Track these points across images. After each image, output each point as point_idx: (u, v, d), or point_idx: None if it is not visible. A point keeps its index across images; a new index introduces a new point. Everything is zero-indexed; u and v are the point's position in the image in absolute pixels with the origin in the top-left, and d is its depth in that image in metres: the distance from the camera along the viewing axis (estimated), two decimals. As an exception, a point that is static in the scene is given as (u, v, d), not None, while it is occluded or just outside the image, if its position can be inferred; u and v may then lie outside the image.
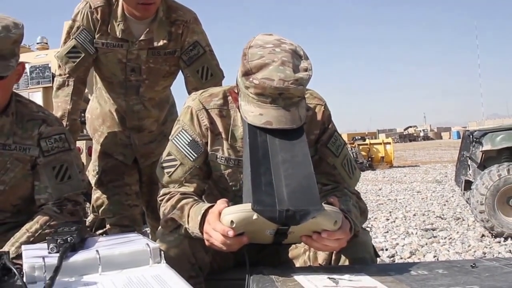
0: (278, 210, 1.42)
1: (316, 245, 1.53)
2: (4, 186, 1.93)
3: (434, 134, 72.96)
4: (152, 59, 2.57)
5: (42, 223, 1.86)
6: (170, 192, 1.81)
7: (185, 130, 1.85)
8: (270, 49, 1.60)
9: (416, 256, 4.78)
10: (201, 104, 1.86)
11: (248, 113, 1.61)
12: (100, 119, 2.81)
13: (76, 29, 2.53)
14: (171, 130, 1.93)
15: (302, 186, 1.49)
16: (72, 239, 1.47)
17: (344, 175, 1.86)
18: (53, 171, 1.97)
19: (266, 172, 1.52)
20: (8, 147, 1.93)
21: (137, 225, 2.84)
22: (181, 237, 1.71)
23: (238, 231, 1.46)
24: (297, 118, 1.59)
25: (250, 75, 1.57)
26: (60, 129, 2.06)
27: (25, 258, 1.39)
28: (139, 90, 2.65)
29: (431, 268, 1.57)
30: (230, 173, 1.86)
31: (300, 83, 1.56)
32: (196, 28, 2.62)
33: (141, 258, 1.41)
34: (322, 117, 1.88)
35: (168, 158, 1.85)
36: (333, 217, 1.46)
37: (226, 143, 1.84)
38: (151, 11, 2.47)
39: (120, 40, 2.53)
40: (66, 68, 2.53)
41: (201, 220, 1.59)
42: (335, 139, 1.89)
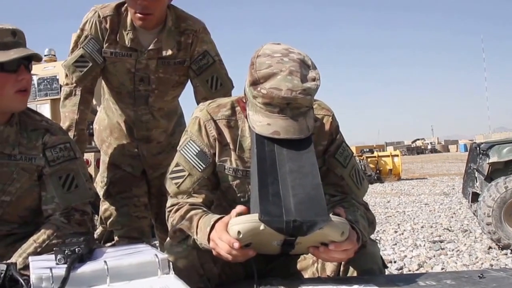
0: (285, 220, 1.42)
1: (323, 256, 1.53)
2: (10, 197, 1.91)
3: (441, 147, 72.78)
4: (161, 69, 2.57)
5: (49, 234, 1.83)
6: (179, 203, 1.80)
7: (193, 140, 1.85)
8: (278, 59, 1.60)
9: (424, 268, 4.75)
10: (209, 115, 1.85)
11: (256, 122, 1.61)
12: (107, 130, 2.81)
13: (84, 38, 2.53)
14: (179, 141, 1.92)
15: (310, 197, 1.49)
16: (80, 250, 1.44)
17: (352, 186, 1.85)
18: (60, 180, 1.95)
19: (273, 183, 1.52)
20: (13, 157, 1.91)
21: (146, 237, 2.83)
22: (190, 248, 1.70)
23: (244, 241, 1.46)
24: (304, 128, 1.59)
25: (258, 85, 1.57)
26: (65, 138, 2.05)
27: (32, 269, 1.38)
28: (148, 100, 2.65)
29: (439, 279, 1.57)
30: (238, 184, 1.85)
31: (308, 93, 1.56)
32: (206, 37, 2.62)
33: (150, 269, 1.40)
34: (330, 128, 1.87)
35: (176, 169, 1.85)
36: (340, 228, 1.46)
37: (234, 154, 1.84)
38: (149, 22, 2.46)
39: (128, 50, 2.53)
40: (73, 78, 2.53)
41: (210, 231, 1.58)
42: (343, 150, 1.88)
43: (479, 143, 6.01)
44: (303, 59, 1.64)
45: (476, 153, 5.83)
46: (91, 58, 2.51)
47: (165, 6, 2.50)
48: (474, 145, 6.16)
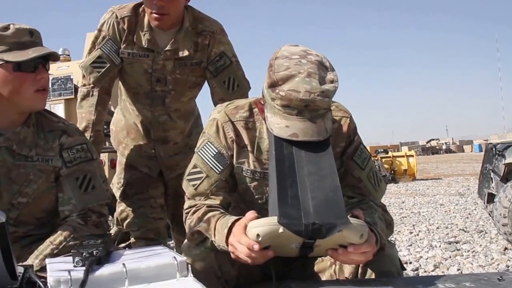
0: (304, 223, 1.41)
1: (342, 258, 1.52)
2: (27, 198, 1.91)
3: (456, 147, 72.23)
4: (178, 70, 2.57)
5: (66, 235, 1.83)
6: (196, 205, 1.80)
7: (211, 142, 1.85)
8: (296, 61, 1.59)
9: (440, 269, 4.72)
10: (227, 116, 1.85)
11: (274, 124, 1.61)
12: (124, 131, 2.82)
13: (101, 39, 2.54)
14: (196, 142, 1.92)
15: (328, 199, 1.48)
16: (98, 252, 1.43)
17: (369, 187, 1.85)
18: (77, 182, 1.95)
19: (292, 185, 1.52)
20: (30, 158, 1.91)
21: (162, 238, 2.83)
22: (207, 250, 1.70)
23: (264, 244, 1.45)
24: (323, 130, 1.58)
25: (276, 87, 1.57)
26: (82, 139, 2.05)
27: (50, 271, 1.37)
28: (165, 101, 2.65)
29: (458, 281, 1.56)
30: (255, 186, 1.85)
31: (326, 95, 1.56)
32: (223, 38, 2.62)
33: (168, 271, 1.40)
34: (347, 130, 1.87)
35: (194, 171, 1.85)
36: (359, 231, 1.45)
37: (252, 156, 1.84)
38: (165, 22, 2.47)
39: (145, 50, 2.53)
40: (91, 78, 2.53)
41: (227, 233, 1.58)
42: (361, 152, 1.87)
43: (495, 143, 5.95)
44: (321, 60, 1.64)
45: (492, 154, 5.77)
46: (109, 59, 2.52)
47: (181, 6, 2.50)
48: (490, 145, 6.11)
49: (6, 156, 1.88)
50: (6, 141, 1.88)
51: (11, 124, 1.91)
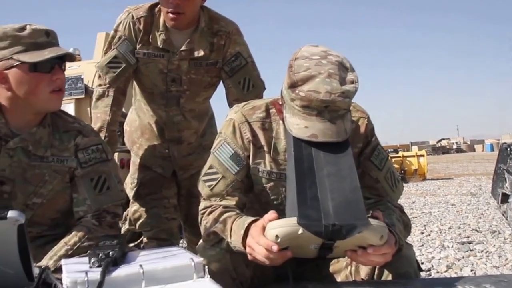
0: (324, 224, 1.40)
1: (361, 259, 1.51)
2: (41, 199, 1.91)
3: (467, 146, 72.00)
4: (193, 70, 2.57)
5: (80, 236, 1.82)
6: (212, 206, 1.79)
7: (227, 143, 1.84)
8: (317, 61, 1.58)
9: (453, 270, 4.68)
10: (243, 117, 1.85)
11: (293, 125, 1.60)
12: (138, 131, 2.82)
13: (117, 39, 2.55)
14: (210, 143, 1.92)
15: (348, 200, 1.47)
16: (114, 253, 1.42)
17: (387, 188, 1.84)
18: (91, 182, 1.95)
19: (311, 186, 1.51)
20: (46, 159, 1.91)
21: (174, 238, 2.83)
22: (223, 251, 1.69)
23: (282, 245, 1.44)
24: (342, 131, 1.57)
25: (296, 87, 1.56)
26: (97, 139, 2.05)
27: (66, 272, 1.36)
28: (180, 101, 2.65)
29: (478, 282, 1.55)
30: (272, 187, 1.84)
31: (346, 96, 1.54)
32: (238, 39, 2.62)
33: (185, 273, 1.39)
34: (365, 130, 1.86)
35: (209, 171, 1.84)
36: (379, 232, 1.44)
37: (268, 157, 1.83)
38: (181, 21, 2.47)
39: (161, 50, 2.54)
40: (107, 79, 2.54)
41: (244, 234, 1.57)
42: (378, 152, 1.86)
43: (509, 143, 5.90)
44: (342, 61, 1.62)
45: (506, 154, 5.72)
46: (124, 59, 2.52)
47: (197, 6, 2.50)
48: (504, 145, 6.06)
49: (21, 157, 1.88)
50: (22, 142, 1.88)
51: (26, 124, 1.91)
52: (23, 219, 1.22)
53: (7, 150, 1.86)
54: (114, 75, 2.52)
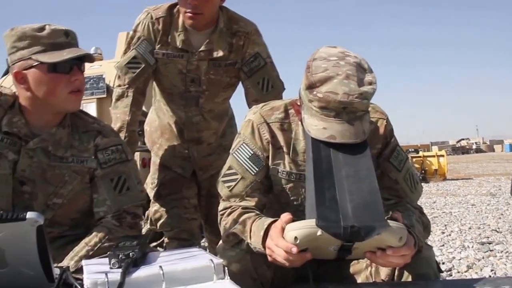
0: (343, 226, 1.40)
1: (380, 261, 1.51)
2: (62, 199, 1.92)
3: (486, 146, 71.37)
4: (212, 70, 2.57)
5: (101, 237, 1.83)
6: (231, 206, 1.79)
7: (246, 143, 1.84)
8: (334, 62, 1.58)
9: (473, 270, 4.64)
10: (262, 118, 1.85)
11: (312, 126, 1.59)
12: (158, 132, 2.83)
13: (136, 39, 2.55)
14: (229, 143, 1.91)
15: (367, 202, 1.47)
16: (134, 254, 1.43)
17: (406, 189, 1.83)
18: (111, 183, 1.94)
19: (330, 187, 1.50)
20: (65, 159, 1.91)
21: (195, 238, 2.83)
22: (243, 252, 1.69)
23: (301, 247, 1.44)
24: (361, 132, 1.57)
25: (314, 88, 1.56)
26: (117, 140, 2.04)
27: (86, 273, 1.37)
28: (199, 101, 2.65)
29: (497, 284, 1.54)
30: (291, 188, 1.84)
31: (364, 97, 1.54)
32: (257, 39, 2.62)
33: (205, 274, 1.39)
34: (384, 131, 1.85)
35: (228, 172, 1.84)
36: (398, 233, 1.44)
37: (288, 157, 1.82)
38: (199, 21, 2.47)
39: (180, 51, 2.54)
40: (126, 79, 2.54)
41: (263, 235, 1.57)
42: (398, 153, 1.85)
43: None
44: (360, 62, 1.62)
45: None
46: (144, 59, 2.53)
47: (216, 6, 2.50)
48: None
49: (41, 157, 1.89)
50: (42, 142, 1.89)
51: (46, 125, 1.91)
52: (42, 220, 1.22)
53: (27, 150, 1.87)
54: (133, 75, 2.53)
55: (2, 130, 1.86)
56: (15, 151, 1.87)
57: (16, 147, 1.87)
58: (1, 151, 1.85)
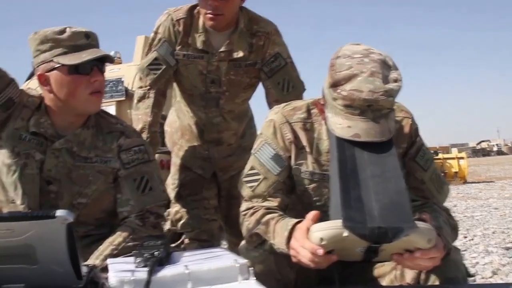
0: (370, 227, 1.38)
1: (408, 263, 1.48)
2: (87, 199, 1.95)
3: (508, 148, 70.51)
4: (233, 71, 2.57)
5: (125, 236, 1.85)
6: (254, 207, 1.78)
7: (268, 143, 1.83)
8: (359, 60, 1.56)
9: (498, 276, 4.55)
10: (284, 118, 1.83)
11: (336, 125, 1.57)
12: (179, 133, 2.83)
13: (157, 41, 2.56)
14: (249, 144, 1.90)
15: (394, 202, 1.44)
16: (159, 253, 1.44)
17: (433, 190, 1.80)
18: (134, 183, 1.97)
19: (355, 187, 1.48)
20: (90, 160, 1.95)
21: (215, 239, 2.82)
22: (266, 252, 1.69)
23: (327, 248, 1.42)
24: (386, 130, 1.55)
25: (338, 87, 1.54)
26: (139, 140, 2.07)
27: (113, 271, 1.38)
28: (219, 102, 2.65)
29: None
30: (314, 188, 1.82)
31: (390, 95, 1.52)
32: (277, 39, 2.61)
33: (230, 274, 1.38)
34: (409, 130, 1.82)
35: (251, 172, 1.83)
36: (427, 235, 1.41)
37: (311, 157, 1.81)
38: (220, 22, 2.47)
39: (200, 52, 2.54)
40: (147, 81, 2.56)
41: (288, 236, 1.56)
42: (424, 153, 1.82)
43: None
44: (384, 59, 1.59)
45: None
46: (165, 61, 2.54)
47: (236, 7, 2.51)
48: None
49: (66, 157, 1.92)
50: (67, 143, 1.93)
51: (70, 126, 1.95)
52: (71, 218, 1.23)
53: (53, 150, 1.91)
54: (154, 76, 2.55)
55: (29, 131, 1.91)
56: (42, 151, 1.91)
57: (43, 148, 1.91)
58: (29, 151, 1.90)
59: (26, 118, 1.92)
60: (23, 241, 1.24)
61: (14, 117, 1.92)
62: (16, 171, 1.88)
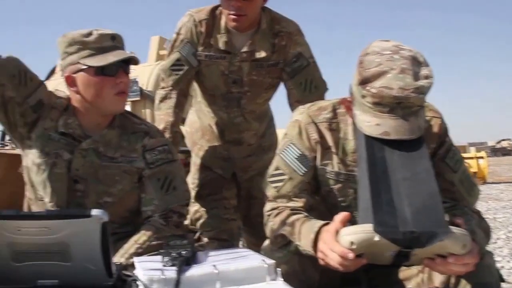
0: (402, 232, 1.35)
1: (440, 268, 1.45)
2: (112, 198, 1.97)
3: (530, 147, 69.19)
4: (255, 71, 2.57)
5: (149, 235, 1.88)
6: (279, 207, 1.77)
7: (293, 144, 1.81)
8: (388, 56, 1.53)
9: (526, 282, 4.50)
10: (309, 118, 1.81)
11: (364, 123, 1.55)
12: (199, 133, 2.84)
13: (180, 42, 2.57)
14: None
15: (426, 206, 1.41)
16: (187, 252, 1.47)
17: (463, 192, 1.76)
18: (158, 182, 2.00)
19: (386, 191, 1.45)
20: (115, 160, 1.98)
21: (234, 239, 2.82)
22: (291, 253, 1.68)
23: (357, 252, 1.39)
24: (416, 128, 1.52)
25: (367, 84, 1.51)
26: (163, 140, 2.11)
27: (142, 270, 1.40)
28: (240, 102, 2.65)
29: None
30: (339, 188, 1.80)
31: (421, 92, 1.49)
32: (300, 39, 2.60)
33: (258, 274, 1.40)
34: (439, 130, 1.78)
35: (276, 173, 1.82)
36: (462, 241, 1.37)
37: (336, 157, 1.79)
38: (242, 23, 2.47)
39: (222, 52, 2.54)
40: (170, 81, 2.57)
41: (314, 238, 1.54)
42: (453, 154, 1.79)
43: None
44: (415, 55, 1.56)
45: None
46: (187, 62, 2.55)
47: (258, 7, 2.50)
48: None
49: (93, 157, 1.96)
50: (94, 143, 1.97)
51: (97, 126, 2.00)
52: (106, 217, 1.26)
53: (80, 150, 1.95)
54: (177, 77, 2.56)
55: (58, 131, 1.96)
56: (70, 151, 1.95)
57: (71, 147, 1.95)
58: (58, 151, 1.94)
59: (55, 119, 1.97)
60: (59, 239, 1.28)
61: (43, 118, 1.97)
62: (46, 170, 1.92)
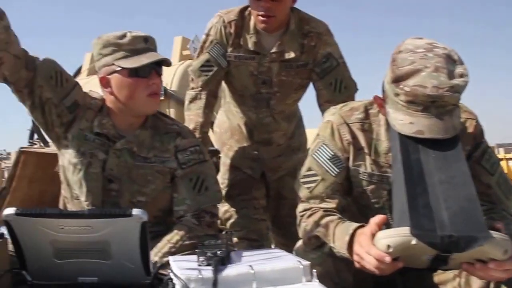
0: (440, 235, 1.33)
1: (480, 274, 1.42)
2: (145, 198, 1.99)
3: None
4: (284, 72, 2.57)
5: (182, 235, 1.89)
6: (312, 208, 1.76)
7: (325, 144, 1.81)
8: (422, 54, 1.52)
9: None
10: (342, 119, 1.81)
11: (397, 121, 1.54)
12: (228, 133, 2.85)
13: (209, 43, 2.59)
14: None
15: (464, 210, 1.38)
16: (221, 252, 1.47)
17: (500, 195, 1.73)
18: (190, 182, 2.01)
19: (422, 193, 1.43)
20: (149, 160, 2.01)
21: (264, 239, 2.82)
22: (325, 255, 1.67)
23: (394, 255, 1.38)
24: (450, 127, 1.50)
25: (401, 82, 1.50)
26: (195, 141, 2.12)
27: (179, 269, 1.40)
28: (270, 103, 2.65)
29: None
30: (372, 189, 1.79)
31: (456, 90, 1.47)
32: (329, 39, 2.59)
33: (293, 275, 1.39)
34: (474, 132, 1.76)
35: (308, 173, 1.81)
36: (503, 246, 1.34)
37: (369, 158, 1.78)
38: (272, 24, 2.47)
39: (252, 53, 2.55)
40: (199, 82, 2.59)
41: (348, 240, 1.53)
42: (489, 156, 1.76)
43: None
44: (449, 53, 1.54)
45: None
46: (216, 62, 2.57)
47: (287, 8, 2.51)
48: None
49: (127, 158, 1.99)
50: (127, 143, 2.00)
51: (130, 127, 2.02)
52: (146, 217, 1.27)
53: (114, 150, 1.99)
54: (206, 78, 2.57)
55: (93, 131, 1.99)
56: (104, 151, 1.98)
57: (105, 148, 1.99)
58: (93, 151, 1.98)
59: (90, 119, 2.00)
60: (100, 238, 1.29)
61: (79, 118, 2.01)
62: (81, 169, 1.95)
